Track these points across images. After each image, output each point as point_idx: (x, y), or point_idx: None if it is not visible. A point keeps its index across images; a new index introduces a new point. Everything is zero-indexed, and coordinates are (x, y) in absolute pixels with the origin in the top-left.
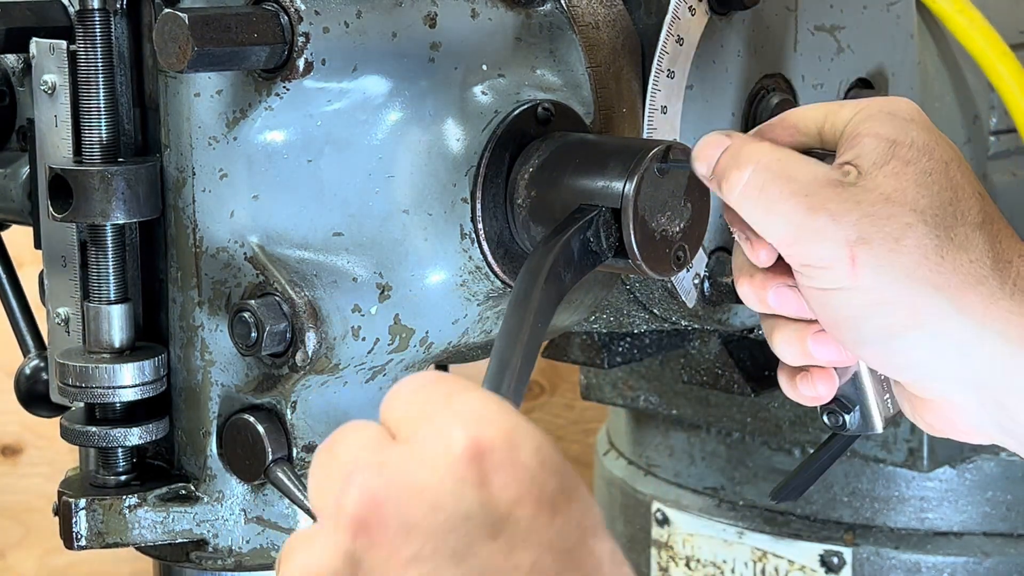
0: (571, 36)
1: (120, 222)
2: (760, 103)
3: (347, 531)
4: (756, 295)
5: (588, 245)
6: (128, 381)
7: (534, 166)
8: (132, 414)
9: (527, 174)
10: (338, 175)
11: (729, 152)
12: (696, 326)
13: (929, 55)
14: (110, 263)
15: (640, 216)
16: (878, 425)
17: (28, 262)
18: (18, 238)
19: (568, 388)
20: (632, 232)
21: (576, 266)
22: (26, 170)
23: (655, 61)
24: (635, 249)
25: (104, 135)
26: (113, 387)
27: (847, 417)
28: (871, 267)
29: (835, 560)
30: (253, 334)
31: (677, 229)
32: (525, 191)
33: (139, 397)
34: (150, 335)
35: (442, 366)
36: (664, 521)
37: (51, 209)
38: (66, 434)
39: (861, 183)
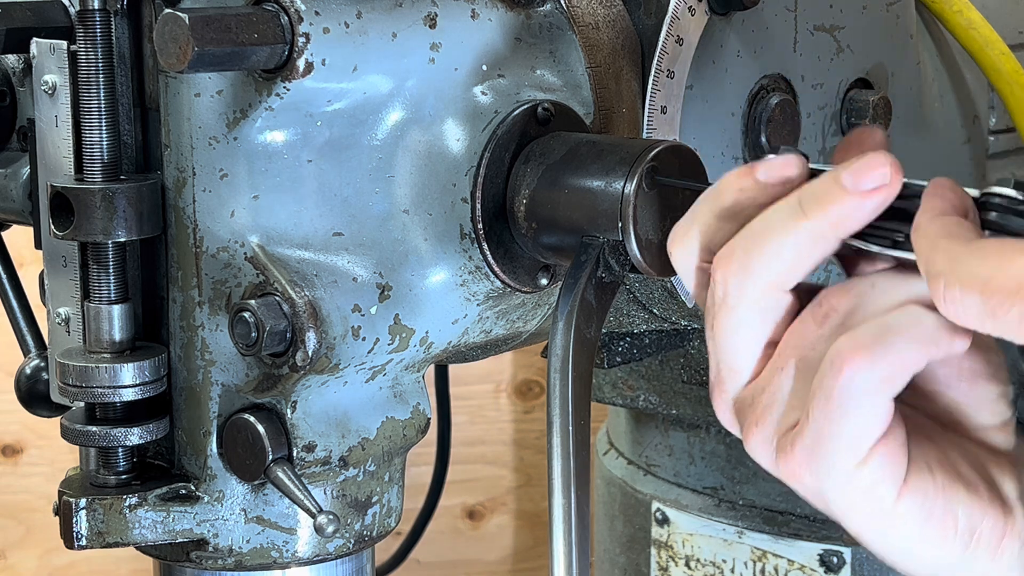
0: (571, 36)
1: (122, 240)
2: (760, 103)
3: None
4: None
5: (601, 282)
6: (128, 381)
7: (534, 167)
8: (132, 414)
9: (527, 174)
10: (338, 175)
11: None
12: (696, 326)
13: (929, 55)
14: (110, 265)
15: (645, 240)
16: None
17: (28, 262)
18: (18, 238)
19: None
20: (642, 258)
21: (597, 311)
22: (26, 170)
23: (655, 61)
24: (649, 269)
25: (106, 147)
26: (113, 387)
27: None
28: None
29: (835, 560)
30: (253, 334)
31: None
32: (525, 191)
33: (139, 397)
34: (150, 335)
35: (442, 366)
36: (664, 521)
37: (52, 227)
38: (66, 434)
39: None
